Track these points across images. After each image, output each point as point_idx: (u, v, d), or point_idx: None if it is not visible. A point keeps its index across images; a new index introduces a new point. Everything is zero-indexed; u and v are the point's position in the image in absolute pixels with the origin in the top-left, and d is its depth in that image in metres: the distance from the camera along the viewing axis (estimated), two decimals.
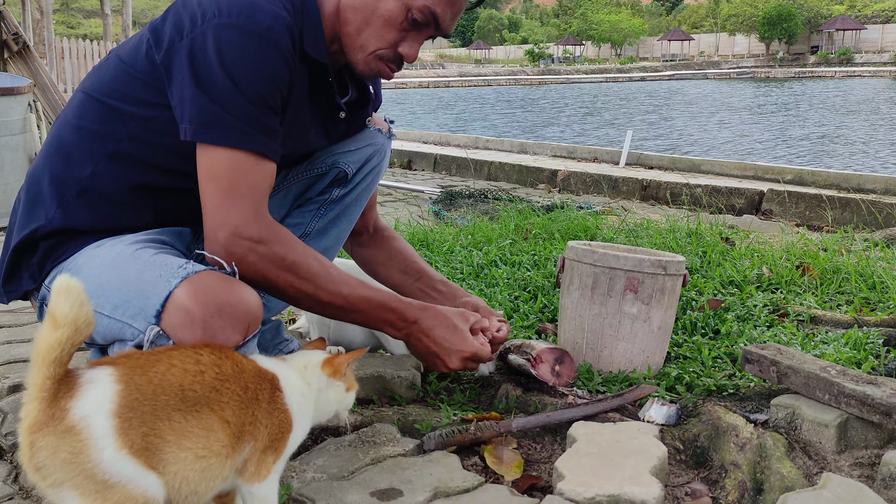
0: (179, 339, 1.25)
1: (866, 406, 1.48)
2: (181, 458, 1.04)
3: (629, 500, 1.28)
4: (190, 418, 1.05)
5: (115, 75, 1.43)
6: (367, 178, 1.77)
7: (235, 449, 1.09)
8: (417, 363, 1.94)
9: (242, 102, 1.32)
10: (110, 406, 1.01)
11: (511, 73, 28.81)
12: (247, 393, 1.12)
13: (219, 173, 1.33)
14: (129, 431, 1.01)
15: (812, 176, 5.37)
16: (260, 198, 1.36)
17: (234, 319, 1.27)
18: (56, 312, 0.98)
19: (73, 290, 0.98)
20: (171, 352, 1.12)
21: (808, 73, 29.12)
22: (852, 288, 2.57)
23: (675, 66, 33.32)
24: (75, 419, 0.99)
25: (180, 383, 1.06)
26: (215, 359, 1.12)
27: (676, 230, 3.33)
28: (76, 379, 1.03)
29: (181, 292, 1.26)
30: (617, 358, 1.92)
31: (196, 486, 1.06)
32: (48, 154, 1.47)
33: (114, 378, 1.04)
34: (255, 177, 1.35)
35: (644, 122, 13.76)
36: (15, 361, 2.01)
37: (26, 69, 6.52)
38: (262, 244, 1.35)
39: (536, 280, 2.62)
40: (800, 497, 1.29)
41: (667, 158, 6.43)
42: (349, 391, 1.31)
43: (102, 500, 0.99)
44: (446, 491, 1.37)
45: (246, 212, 1.33)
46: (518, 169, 6.20)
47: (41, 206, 1.43)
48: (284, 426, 1.17)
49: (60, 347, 0.99)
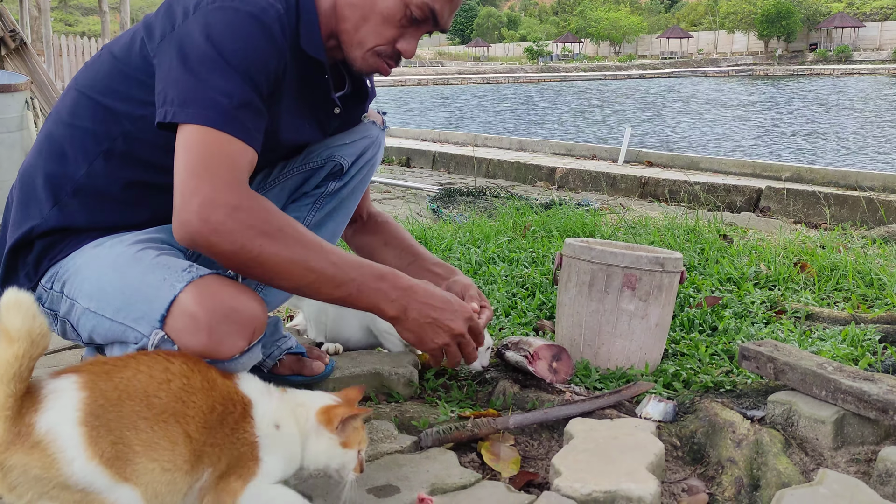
0: (184, 344, 1.23)
1: (863, 402, 1.48)
2: (149, 468, 1.01)
3: (626, 496, 1.28)
4: (156, 428, 1.02)
5: (108, 72, 1.42)
6: (362, 170, 1.77)
7: (195, 468, 1.05)
8: (415, 360, 1.94)
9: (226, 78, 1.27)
10: (76, 414, 0.98)
11: (510, 71, 28.81)
12: (212, 413, 1.07)
13: (193, 147, 1.24)
14: (97, 440, 0.98)
15: (810, 173, 5.37)
16: (238, 169, 1.27)
17: (240, 325, 1.25)
18: (9, 327, 0.95)
19: (24, 303, 0.96)
20: (141, 357, 1.09)
21: (806, 70, 29.14)
22: (850, 285, 2.57)
23: (673, 64, 33.32)
24: (41, 433, 0.97)
25: (145, 389, 1.03)
26: (186, 370, 1.08)
27: (674, 227, 3.34)
28: (39, 391, 1.00)
29: (186, 297, 1.24)
30: (614, 355, 1.92)
31: (164, 499, 1.03)
32: (41, 152, 1.46)
33: (78, 385, 1.01)
34: (233, 150, 1.27)
35: (643, 120, 13.76)
36: None
37: (24, 66, 6.51)
38: (240, 210, 1.23)
39: (534, 277, 2.62)
40: (796, 493, 1.29)
41: (665, 156, 6.43)
42: (346, 448, 1.20)
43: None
44: (443, 487, 1.37)
45: (223, 179, 1.24)
46: (516, 166, 6.20)
47: (36, 205, 1.42)
48: (246, 458, 1.10)
49: (18, 363, 0.96)
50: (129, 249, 1.36)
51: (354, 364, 1.87)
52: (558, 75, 27.56)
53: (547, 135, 11.62)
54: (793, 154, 9.10)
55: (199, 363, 1.12)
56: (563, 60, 46.90)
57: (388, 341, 1.99)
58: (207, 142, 1.25)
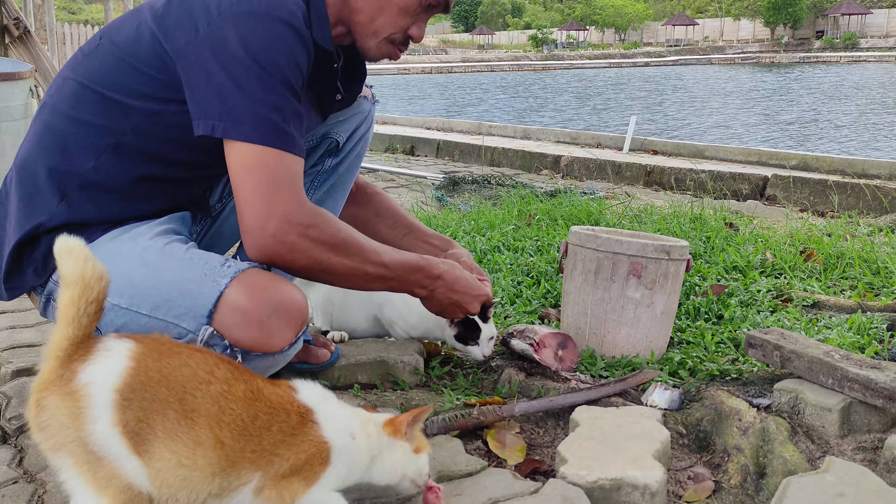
0: (235, 339, 1.28)
1: (870, 390, 1.47)
2: (165, 458, 1.02)
3: (631, 483, 1.28)
4: (183, 423, 1.03)
5: (114, 66, 1.39)
6: (357, 145, 1.79)
7: (227, 472, 1.05)
8: (420, 348, 1.94)
9: (272, 91, 1.30)
10: (116, 380, 1.01)
11: (514, 59, 28.67)
12: (256, 422, 1.08)
13: (256, 168, 1.29)
14: (126, 410, 1.00)
15: (817, 161, 5.34)
16: (300, 185, 1.34)
17: (287, 318, 1.31)
18: (63, 273, 0.99)
19: (75, 249, 0.99)
20: (194, 352, 1.10)
21: (812, 58, 28.93)
22: (856, 273, 2.56)
23: (679, 52, 33.11)
24: (80, 384, 1.00)
25: (184, 384, 1.04)
26: (230, 377, 1.09)
27: (680, 215, 3.32)
28: (94, 344, 1.03)
29: (233, 292, 1.28)
30: (620, 343, 1.92)
31: (176, 492, 1.03)
32: (41, 145, 1.42)
33: (129, 354, 1.04)
34: (291, 167, 1.32)
35: (648, 107, 13.70)
36: (17, 347, 2.01)
37: (27, 54, 6.50)
38: (312, 228, 1.33)
39: (539, 265, 2.61)
40: (802, 481, 1.29)
41: (671, 144, 6.40)
42: (419, 453, 1.23)
43: (92, 473, 0.99)
44: (449, 475, 1.37)
45: (291, 200, 1.31)
46: (521, 155, 6.18)
47: (40, 200, 1.39)
48: (315, 457, 1.11)
49: (75, 306, 1.00)
50: (154, 243, 1.36)
51: (360, 352, 1.87)
52: (563, 63, 27.42)
53: (552, 123, 11.58)
54: (799, 142, 9.06)
55: (245, 373, 1.12)
56: (568, 48, 46.65)
57: (395, 331, 1.99)
58: (268, 163, 1.29)
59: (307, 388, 1.18)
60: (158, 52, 1.35)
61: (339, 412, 1.18)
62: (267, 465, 1.08)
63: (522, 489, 1.30)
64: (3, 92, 3.95)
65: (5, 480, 1.40)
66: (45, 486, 1.38)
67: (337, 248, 1.36)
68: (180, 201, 1.51)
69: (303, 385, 1.18)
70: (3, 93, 3.96)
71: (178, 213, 1.50)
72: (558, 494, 1.25)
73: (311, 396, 1.16)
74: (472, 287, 1.63)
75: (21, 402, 1.66)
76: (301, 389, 1.17)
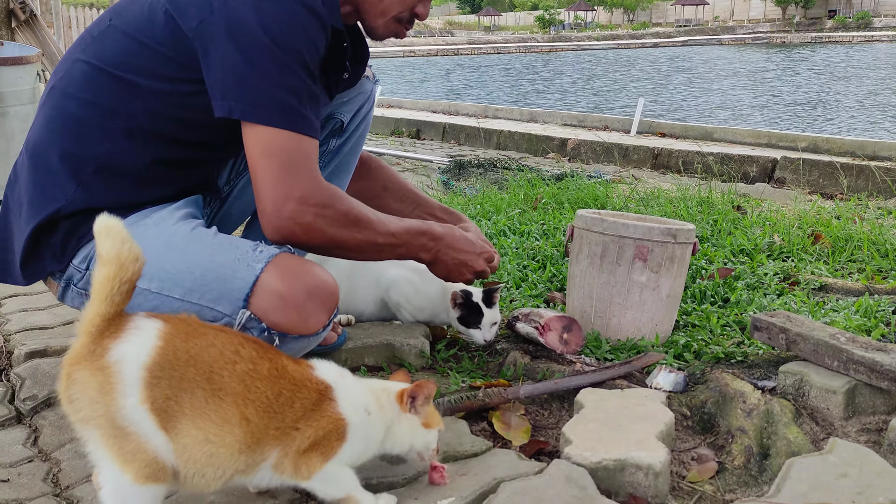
0: (273, 321, 1.33)
1: (875, 373, 1.48)
2: (192, 434, 1.05)
3: (635, 464, 1.29)
4: (211, 401, 1.06)
5: (126, 47, 1.39)
6: (360, 125, 1.81)
7: (252, 448, 1.09)
8: (426, 332, 1.95)
9: (290, 73, 1.31)
10: (145, 359, 1.04)
11: (521, 41, 28.47)
12: (279, 399, 1.10)
13: (273, 151, 1.32)
14: (154, 388, 1.03)
15: (827, 143, 5.31)
16: (316, 167, 1.38)
17: (322, 301, 1.37)
18: (101, 251, 1.02)
19: (113, 229, 1.02)
20: (220, 332, 1.12)
21: (825, 37, 28.59)
22: (864, 256, 2.55)
23: (688, 32, 32.78)
24: (111, 360, 1.03)
25: (212, 364, 1.07)
26: (255, 356, 1.11)
27: (687, 199, 3.32)
28: (126, 322, 1.06)
29: (269, 277, 1.33)
30: (625, 326, 1.92)
31: (202, 468, 1.07)
32: (52, 129, 1.42)
33: (158, 333, 1.06)
34: (308, 150, 1.36)
35: (656, 90, 13.61)
36: (30, 329, 2.04)
37: (34, 38, 6.50)
38: (327, 208, 1.37)
39: (545, 249, 2.62)
40: (805, 462, 1.30)
41: (679, 126, 6.37)
42: (428, 428, 1.24)
43: (119, 446, 1.02)
44: (455, 455, 1.39)
45: (307, 181, 1.35)
46: (528, 138, 6.17)
47: (55, 185, 1.40)
48: (333, 433, 1.13)
49: (109, 284, 1.03)
50: (180, 228, 1.39)
51: (367, 335, 1.89)
52: (570, 44, 27.22)
53: (558, 105, 11.52)
54: (809, 124, 8.99)
55: (270, 351, 1.15)
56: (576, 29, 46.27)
57: (401, 314, 2.01)
58: (286, 146, 1.32)
59: (325, 365, 1.20)
60: (173, 30, 1.35)
61: (356, 389, 1.20)
62: (288, 441, 1.11)
63: (527, 469, 1.32)
64: (10, 76, 3.96)
65: (21, 459, 1.43)
66: (59, 465, 1.41)
67: (350, 224, 1.41)
68: (193, 184, 1.52)
69: (320, 363, 1.21)
70: (11, 77, 3.97)
71: (192, 197, 1.51)
72: (562, 474, 1.27)
73: (330, 374, 1.19)
74: (475, 245, 1.66)
75: (34, 383, 1.68)
76: (319, 367, 1.19)
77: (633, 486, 1.30)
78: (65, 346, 1.85)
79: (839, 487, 1.22)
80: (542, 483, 1.25)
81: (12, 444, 1.48)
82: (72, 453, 1.44)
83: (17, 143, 4.00)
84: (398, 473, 1.30)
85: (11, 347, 1.90)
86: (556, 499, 1.20)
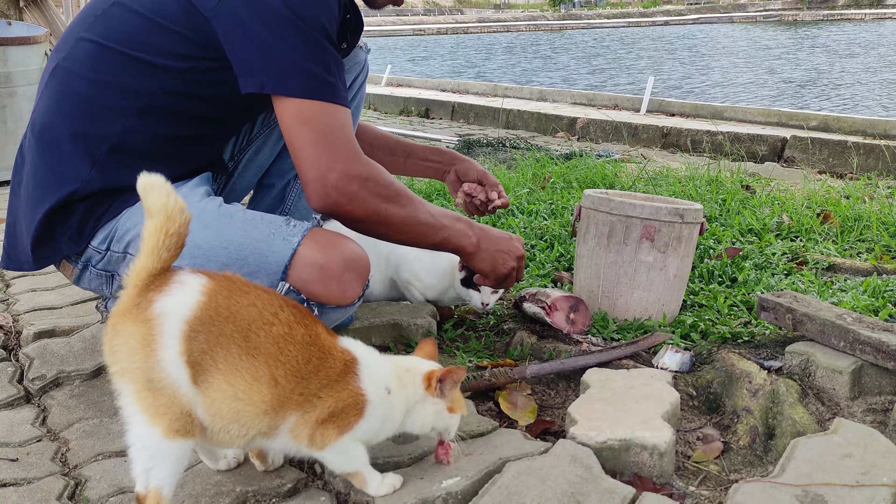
0: (312, 292, 1.36)
1: (881, 353, 1.48)
2: (222, 389, 1.07)
3: (640, 444, 1.30)
4: (245, 359, 1.07)
5: (136, 25, 1.37)
6: (357, 95, 1.81)
7: (277, 410, 1.10)
8: (433, 311, 1.95)
9: (315, 45, 1.32)
10: (187, 313, 1.06)
11: (531, 19, 28.22)
12: (308, 365, 1.11)
13: (311, 123, 1.34)
14: (192, 341, 1.05)
15: (838, 122, 5.26)
16: (353, 137, 1.39)
17: (357, 272, 1.41)
18: (148, 205, 1.05)
19: (158, 184, 1.04)
20: (262, 293, 1.13)
21: (837, 15, 28.22)
22: (874, 235, 2.54)
23: (699, 10, 32.40)
24: (154, 313, 1.05)
25: (249, 323, 1.09)
26: (292, 320, 1.12)
27: (696, 178, 3.30)
28: (171, 276, 1.08)
29: (307, 250, 1.36)
30: (632, 306, 1.92)
31: (227, 424, 1.09)
32: (62, 110, 1.40)
33: (202, 289, 1.08)
34: (343, 119, 1.37)
35: (667, 68, 13.48)
36: (39, 309, 2.05)
37: (42, 18, 6.49)
38: (369, 180, 1.39)
39: (553, 229, 2.61)
40: (810, 442, 1.30)
41: (689, 105, 6.32)
42: (452, 413, 1.23)
43: (151, 400, 1.04)
44: (461, 434, 1.39)
45: (348, 152, 1.37)
46: (537, 117, 6.13)
47: (69, 166, 1.39)
48: (352, 407, 1.14)
49: (157, 236, 1.05)
50: (208, 205, 1.40)
51: (374, 315, 1.89)
52: (581, 23, 26.98)
53: (568, 84, 11.43)
54: (820, 102, 8.89)
55: (307, 317, 1.15)
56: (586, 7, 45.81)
57: (411, 292, 2.01)
58: (322, 117, 1.34)
59: (352, 341, 1.21)
60: (188, 9, 1.34)
61: (380, 367, 1.20)
62: (309, 407, 1.12)
63: (533, 449, 1.32)
64: (18, 56, 3.96)
65: (29, 439, 1.45)
66: (67, 445, 1.42)
67: (391, 198, 1.42)
68: (203, 161, 1.53)
69: (348, 339, 1.21)
70: (19, 57, 3.97)
71: (203, 175, 1.51)
72: (567, 454, 1.27)
73: (357, 347, 1.20)
74: (511, 235, 1.68)
75: (43, 363, 1.70)
76: (347, 342, 1.20)
77: (637, 466, 1.30)
78: (73, 327, 1.86)
79: (844, 468, 1.22)
80: (548, 463, 1.25)
81: (21, 424, 1.50)
82: (80, 433, 1.46)
83: (25, 122, 4.01)
84: (404, 453, 1.31)
85: (20, 328, 1.92)
86: (560, 478, 1.21)
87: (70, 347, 1.76)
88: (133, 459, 1.06)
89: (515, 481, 1.20)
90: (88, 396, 1.59)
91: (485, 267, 1.63)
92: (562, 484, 1.19)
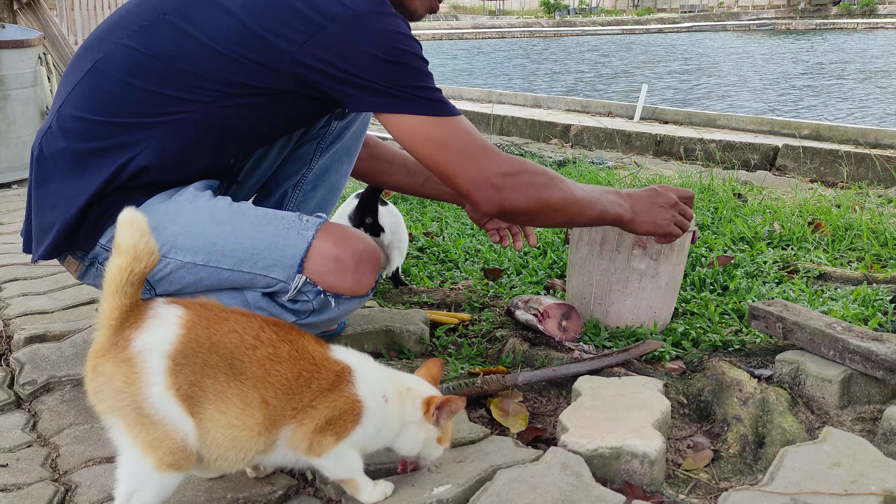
0: (328, 284, 1.40)
1: (870, 362, 1.49)
2: (216, 419, 1.07)
3: (631, 452, 1.30)
4: (233, 386, 1.07)
5: (189, 49, 1.35)
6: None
7: (270, 430, 1.10)
8: (426, 318, 1.96)
9: (418, 70, 1.36)
10: (168, 347, 1.05)
11: (526, 25, 28.30)
12: (298, 379, 1.11)
13: (445, 140, 1.38)
14: (179, 375, 1.05)
15: (829, 131, 5.29)
16: (482, 138, 1.43)
17: (370, 264, 1.45)
18: (118, 241, 1.04)
19: (136, 222, 1.04)
20: (240, 317, 1.13)
21: (829, 24, 28.41)
22: (864, 244, 2.55)
23: (693, 18, 32.59)
24: (134, 351, 1.04)
25: (233, 350, 1.09)
26: (275, 339, 1.12)
27: (688, 186, 3.31)
28: (145, 311, 1.07)
29: (322, 243, 1.40)
30: (624, 313, 1.93)
31: (225, 452, 1.09)
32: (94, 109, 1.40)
33: (179, 322, 1.08)
34: (468, 126, 1.41)
35: (660, 76, 13.54)
36: (30, 313, 2.04)
37: (36, 21, 6.47)
38: (521, 173, 1.43)
39: (546, 236, 2.62)
40: (799, 450, 1.30)
41: (682, 113, 6.34)
42: (440, 443, 1.24)
43: (144, 434, 1.04)
44: (453, 442, 1.40)
45: (494, 155, 1.41)
46: (531, 123, 6.14)
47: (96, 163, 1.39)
48: (348, 413, 1.14)
49: (122, 274, 1.04)
50: (218, 203, 1.42)
51: (367, 321, 1.89)
52: (575, 30, 27.07)
53: (563, 91, 11.47)
54: (811, 111, 8.94)
55: (292, 332, 1.15)
56: (580, 14, 46.00)
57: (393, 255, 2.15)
58: (456, 132, 1.39)
59: (345, 350, 1.22)
60: (257, 46, 1.33)
61: (376, 374, 1.21)
62: (305, 418, 1.12)
63: (524, 456, 1.32)
64: (11, 59, 3.95)
65: (19, 444, 1.44)
66: (58, 450, 1.42)
67: (544, 185, 1.46)
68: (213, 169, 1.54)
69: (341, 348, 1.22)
70: (12, 60, 3.96)
71: (207, 180, 1.51)
72: (559, 462, 1.28)
73: (350, 356, 1.20)
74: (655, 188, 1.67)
75: (34, 368, 1.69)
76: (340, 350, 1.20)
77: (628, 474, 1.30)
78: (65, 332, 1.86)
79: (832, 476, 1.23)
80: (539, 470, 1.26)
81: (11, 429, 1.49)
82: (71, 438, 1.45)
83: (18, 126, 4.00)
84: (395, 460, 1.31)
85: (11, 332, 1.91)
86: (551, 486, 1.21)
87: (61, 352, 1.76)
88: (119, 479, 1.05)
89: (506, 489, 1.21)
90: (79, 402, 1.59)
91: (648, 229, 1.65)
92: (552, 492, 1.20)
